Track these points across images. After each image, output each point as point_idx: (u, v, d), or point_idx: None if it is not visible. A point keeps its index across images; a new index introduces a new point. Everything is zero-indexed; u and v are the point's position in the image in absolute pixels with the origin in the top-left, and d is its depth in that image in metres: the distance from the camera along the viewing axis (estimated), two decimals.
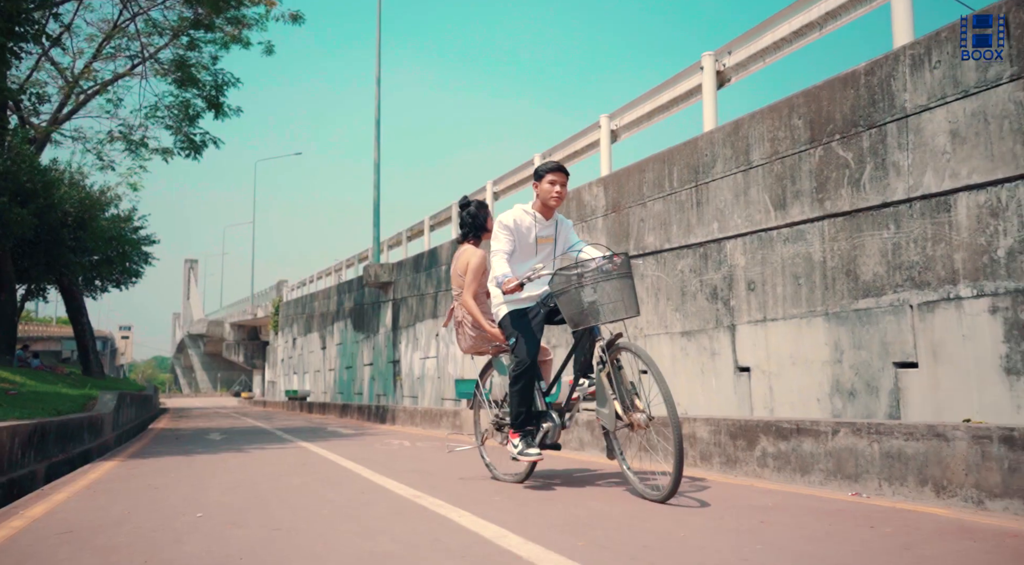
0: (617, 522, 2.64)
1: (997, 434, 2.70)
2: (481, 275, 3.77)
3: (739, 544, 2.22)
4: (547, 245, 3.67)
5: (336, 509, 3.08)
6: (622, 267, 3.18)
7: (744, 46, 6.05)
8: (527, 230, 3.61)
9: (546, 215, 3.66)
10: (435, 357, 12.92)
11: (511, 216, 3.63)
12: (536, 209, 3.64)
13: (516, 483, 3.68)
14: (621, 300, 3.13)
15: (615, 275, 3.14)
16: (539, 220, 3.64)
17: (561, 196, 3.59)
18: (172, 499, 3.48)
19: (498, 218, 3.66)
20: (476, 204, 4.00)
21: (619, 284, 3.14)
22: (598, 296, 3.13)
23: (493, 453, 4.02)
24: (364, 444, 7.09)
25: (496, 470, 3.93)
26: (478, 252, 3.85)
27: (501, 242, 3.58)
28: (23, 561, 2.23)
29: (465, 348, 3.91)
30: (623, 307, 3.13)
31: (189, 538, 2.50)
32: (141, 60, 17.50)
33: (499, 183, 11.44)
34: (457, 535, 2.45)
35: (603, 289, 3.13)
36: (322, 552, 2.24)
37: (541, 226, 3.64)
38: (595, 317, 3.15)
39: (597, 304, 3.13)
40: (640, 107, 7.53)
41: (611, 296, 3.12)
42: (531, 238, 3.61)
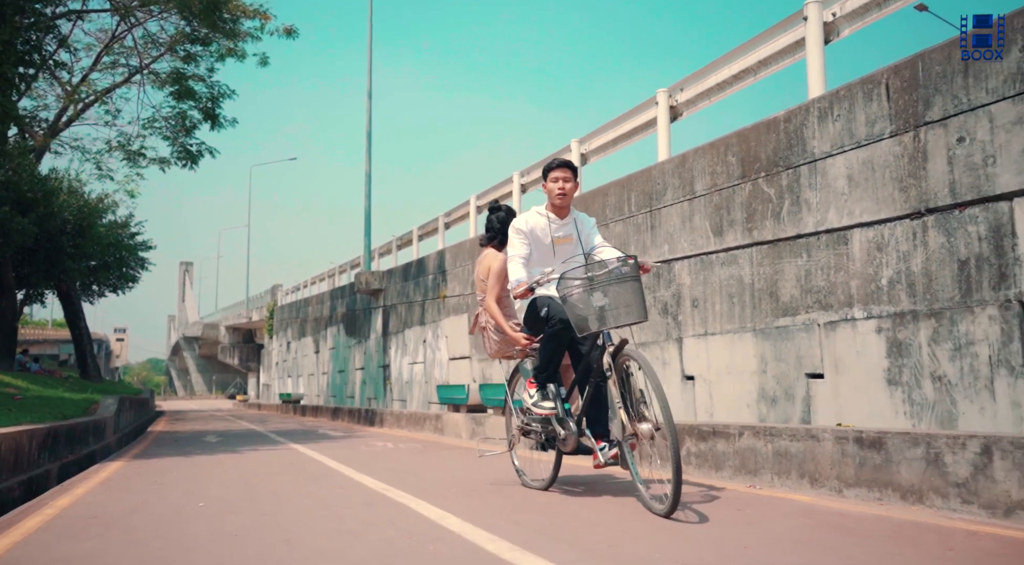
0: (542, 506, 3.24)
1: (852, 435, 3.33)
2: (504, 279, 3.67)
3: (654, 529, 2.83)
4: (566, 245, 3.53)
5: (316, 500, 3.68)
6: (632, 270, 3.06)
7: (693, 85, 6.68)
8: (542, 232, 3.50)
9: (560, 214, 3.54)
10: (422, 362, 13.52)
11: (524, 219, 3.54)
12: (549, 210, 3.53)
13: (540, 490, 3.66)
14: (629, 305, 3.01)
15: (624, 278, 3.03)
16: (554, 220, 3.52)
17: (564, 192, 3.48)
18: (176, 493, 4.08)
19: (512, 223, 3.57)
20: (506, 209, 3.92)
21: (628, 287, 3.03)
22: (607, 299, 3.01)
23: (522, 459, 4.03)
24: (351, 446, 7.68)
25: (525, 476, 3.89)
26: (500, 256, 3.76)
27: (516, 247, 3.48)
28: (63, 537, 2.83)
29: (491, 353, 3.83)
30: (630, 312, 3.01)
31: (194, 521, 3.10)
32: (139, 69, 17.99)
33: (482, 197, 12.05)
34: (409, 518, 3.06)
35: (612, 293, 3.01)
36: (299, 529, 2.85)
37: (557, 226, 3.52)
38: (602, 322, 3.03)
39: (605, 309, 3.01)
40: (606, 134, 8.16)
41: (618, 300, 3.01)
42: (547, 240, 3.50)
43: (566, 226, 3.54)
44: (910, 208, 4.06)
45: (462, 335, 11.24)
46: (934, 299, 3.92)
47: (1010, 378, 3.52)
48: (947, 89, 3.87)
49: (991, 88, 3.63)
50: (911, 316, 4.04)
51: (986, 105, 3.65)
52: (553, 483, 3.69)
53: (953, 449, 2.88)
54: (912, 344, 4.02)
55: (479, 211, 12.26)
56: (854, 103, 4.42)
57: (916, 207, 4.03)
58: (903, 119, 4.10)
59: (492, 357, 3.87)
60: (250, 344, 46.57)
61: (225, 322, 48.00)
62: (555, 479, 3.69)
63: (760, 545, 2.39)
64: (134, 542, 2.69)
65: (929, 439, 2.98)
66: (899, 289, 4.12)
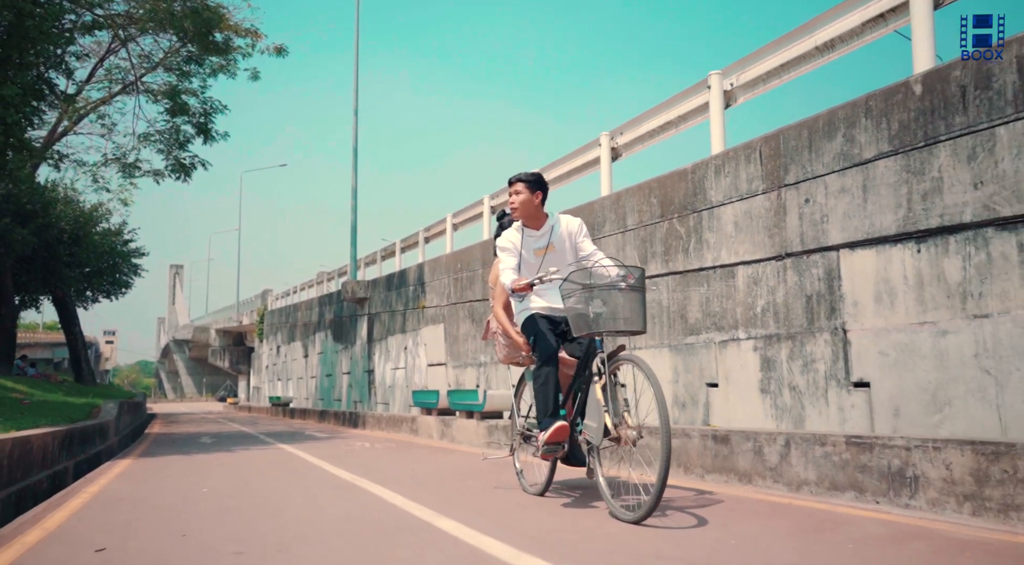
0: (472, 490, 4.21)
1: (710, 433, 4.31)
2: None
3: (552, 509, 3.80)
4: (551, 254, 3.66)
5: (297, 487, 4.63)
6: (637, 281, 3.15)
7: (631, 130, 7.68)
8: (522, 246, 3.65)
9: (533, 226, 3.67)
10: (404, 368, 14.45)
11: (505, 236, 3.71)
12: (524, 224, 3.70)
13: (536, 495, 3.79)
14: (628, 314, 3.09)
15: (626, 288, 3.12)
16: (529, 234, 3.67)
17: (513, 205, 3.63)
18: (183, 483, 5.02)
19: (496, 242, 3.74)
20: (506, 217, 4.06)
21: (629, 297, 3.10)
22: (606, 307, 3.08)
23: (524, 464, 4.20)
24: (333, 446, 8.61)
25: (523, 480, 4.03)
26: None
27: (505, 261, 3.64)
28: (103, 512, 3.76)
29: (502, 358, 3.95)
30: (630, 321, 3.09)
31: (201, 502, 4.04)
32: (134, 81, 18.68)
33: (457, 216, 13.02)
34: (366, 498, 4.02)
35: (612, 300, 3.08)
36: (282, 506, 3.80)
37: (533, 239, 3.66)
38: (597, 326, 3.11)
39: (602, 315, 3.08)
40: (561, 167, 9.15)
41: (618, 308, 3.08)
42: (528, 253, 3.66)
43: (543, 237, 3.65)
44: (775, 251, 5.06)
45: (439, 343, 12.18)
46: (791, 325, 4.92)
47: (837, 388, 4.52)
48: (799, 160, 4.87)
49: (825, 163, 4.63)
50: (776, 338, 5.04)
51: (822, 176, 4.65)
52: (547, 488, 3.80)
53: (769, 443, 3.87)
54: (776, 360, 5.02)
55: (455, 228, 13.22)
56: (739, 163, 5.42)
57: (779, 251, 5.03)
58: (771, 180, 5.10)
59: (503, 362, 3.97)
60: (240, 347, 47.13)
61: (216, 325, 48.64)
62: (549, 484, 3.79)
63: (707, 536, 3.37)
64: (158, 514, 3.63)
65: (755, 435, 3.98)
66: (768, 316, 5.12)
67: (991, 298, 3.60)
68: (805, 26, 5.32)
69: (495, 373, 9.86)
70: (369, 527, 3.13)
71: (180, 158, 19.40)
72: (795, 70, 5.49)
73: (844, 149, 4.50)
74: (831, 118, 4.60)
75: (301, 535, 2.94)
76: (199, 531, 3.10)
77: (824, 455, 3.62)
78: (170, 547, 2.78)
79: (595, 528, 2.96)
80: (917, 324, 4.00)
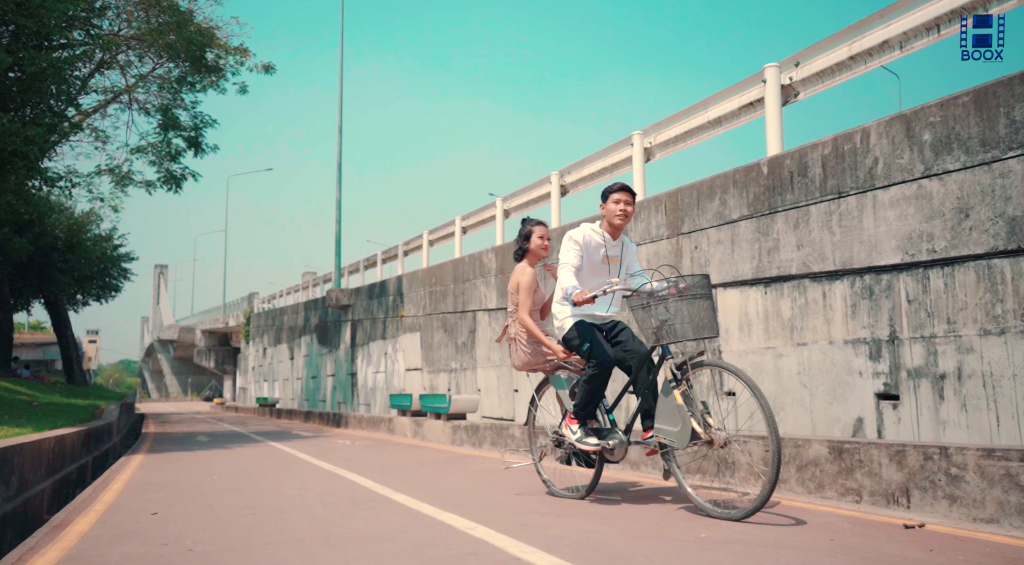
0: (425, 476, 5.40)
1: None
2: (534, 293, 3.86)
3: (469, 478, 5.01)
4: (614, 265, 3.71)
5: (288, 474, 5.81)
6: (702, 288, 3.20)
7: (577, 170, 8.92)
8: (596, 248, 3.65)
9: (613, 235, 3.70)
10: (384, 372, 15.62)
11: (580, 233, 3.68)
12: (604, 229, 3.68)
13: (577, 499, 3.77)
14: (699, 320, 3.15)
15: (694, 296, 3.18)
16: (607, 240, 3.68)
17: (626, 214, 3.62)
18: (195, 472, 6.18)
19: (568, 233, 3.70)
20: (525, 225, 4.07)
21: (699, 305, 3.16)
22: (671, 315, 3.15)
23: (550, 470, 4.25)
24: (317, 443, 9.78)
25: (553, 486, 4.03)
26: (527, 271, 3.90)
27: (570, 255, 3.58)
28: (141, 492, 4.92)
29: (519, 365, 3.93)
30: (704, 327, 3.15)
31: (213, 485, 5.22)
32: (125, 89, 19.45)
33: (434, 232, 14.21)
34: (344, 482, 5.21)
35: (679, 309, 3.15)
36: (278, 486, 4.99)
37: (609, 246, 3.68)
38: (671, 336, 3.18)
39: (672, 323, 3.15)
40: (520, 197, 10.38)
41: (689, 316, 3.13)
42: (599, 257, 3.66)
43: (616, 247, 3.71)
44: None
45: (416, 350, 13.37)
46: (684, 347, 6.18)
47: (715, 397, 5.78)
48: (691, 214, 6.13)
49: (707, 219, 5.89)
50: None
51: (706, 228, 5.91)
52: (592, 492, 3.81)
53: None
54: None
55: (431, 244, 14.41)
56: (650, 212, 6.67)
57: None
58: (672, 228, 6.36)
59: (519, 369, 3.99)
60: (226, 347, 47.77)
61: (201, 326, 49.33)
62: (594, 488, 3.81)
63: None
64: (184, 493, 4.81)
65: None
66: None
67: (807, 331, 4.87)
68: (702, 103, 6.59)
69: (464, 378, 11.07)
70: (344, 499, 4.34)
71: (171, 170, 20.42)
72: (695, 138, 6.75)
73: (719, 210, 5.76)
74: (712, 184, 5.86)
75: (294, 504, 4.14)
76: (220, 502, 4.28)
77: None
78: (202, 511, 3.96)
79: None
80: (764, 348, 5.27)
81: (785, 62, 5.70)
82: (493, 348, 10.03)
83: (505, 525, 3.16)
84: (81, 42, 11.82)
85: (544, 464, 4.14)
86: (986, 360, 3.84)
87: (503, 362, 9.73)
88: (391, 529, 3.24)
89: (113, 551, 2.92)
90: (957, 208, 3.99)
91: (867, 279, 4.51)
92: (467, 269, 10.89)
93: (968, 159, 3.94)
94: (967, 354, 3.94)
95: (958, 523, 2.95)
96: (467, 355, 10.83)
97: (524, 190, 10.26)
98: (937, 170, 4.10)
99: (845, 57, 5.13)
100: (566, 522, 3.27)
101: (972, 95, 3.92)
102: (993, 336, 3.81)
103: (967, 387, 3.94)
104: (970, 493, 2.93)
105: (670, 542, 2.79)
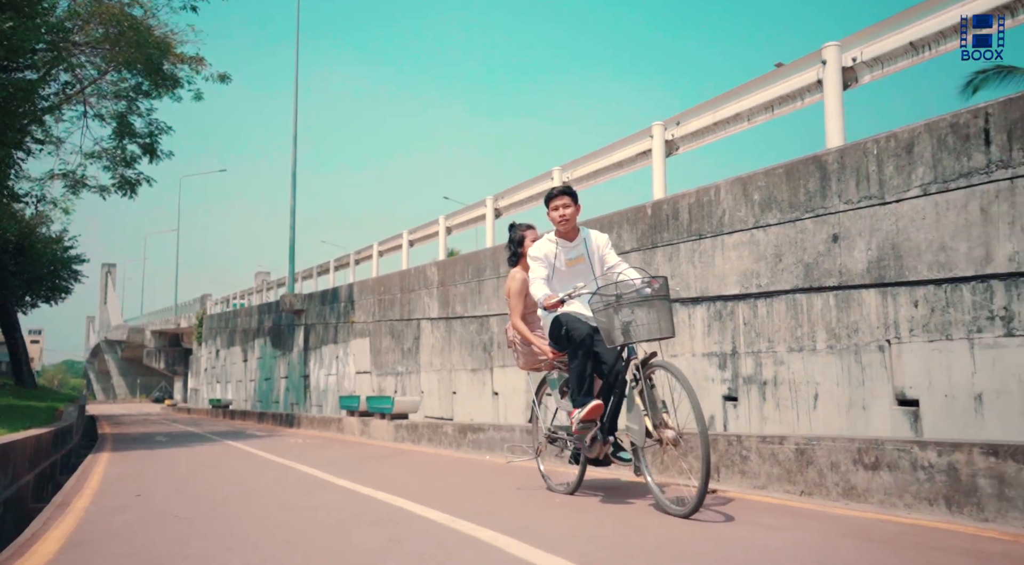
0: (358, 460, 6.39)
1: (518, 428, 6.63)
2: (524, 297, 3.96)
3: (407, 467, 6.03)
4: (580, 265, 3.76)
5: (247, 467, 6.73)
6: (660, 289, 3.29)
7: (509, 196, 10.00)
8: (555, 257, 3.74)
9: (569, 237, 3.76)
10: (336, 375, 16.45)
11: (538, 247, 3.80)
12: (557, 235, 3.78)
13: (567, 494, 3.90)
14: (657, 321, 3.23)
15: (652, 297, 3.25)
16: (563, 245, 3.76)
17: (566, 218, 3.69)
18: (162, 466, 7.04)
19: (528, 251, 3.83)
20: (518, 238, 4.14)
21: (656, 306, 3.24)
22: (634, 317, 3.22)
23: (547, 466, 4.43)
24: (271, 442, 10.62)
25: (550, 481, 4.18)
26: (517, 277, 4.02)
27: (535, 270, 3.72)
28: (122, 482, 5.78)
29: (521, 365, 4.12)
30: (658, 328, 3.24)
31: (182, 476, 6.10)
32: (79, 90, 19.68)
33: (383, 244, 15.14)
34: (295, 472, 6.16)
35: (640, 310, 3.22)
36: (238, 477, 5.91)
37: (567, 250, 3.76)
38: (629, 336, 3.26)
39: (633, 324, 3.22)
40: (462, 215, 11.42)
41: (647, 317, 3.21)
42: (561, 263, 3.74)
43: (576, 247, 3.77)
44: None
45: (365, 354, 14.27)
46: None
47: None
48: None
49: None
50: None
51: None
52: (578, 488, 3.94)
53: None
54: None
55: (380, 255, 15.33)
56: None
57: None
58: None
59: (523, 369, 4.16)
60: (177, 348, 47.39)
61: (152, 326, 48.85)
62: (580, 484, 3.93)
63: None
64: (158, 482, 5.69)
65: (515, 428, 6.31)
66: None
67: (678, 345, 6.04)
68: (608, 147, 7.73)
69: (409, 381, 12.04)
70: (296, 484, 5.31)
71: (126, 175, 20.75)
72: (603, 176, 7.89)
73: (616, 242, 6.91)
74: (611, 219, 7.00)
75: (255, 488, 5.09)
76: (191, 488, 5.20)
77: None
78: (178, 494, 4.88)
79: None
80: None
81: (669, 121, 6.88)
82: (435, 353, 11.03)
83: (423, 498, 4.20)
84: (45, 61, 12.35)
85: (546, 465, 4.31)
86: (791, 370, 5.04)
87: (443, 367, 10.75)
88: (332, 502, 4.25)
89: (116, 518, 3.86)
90: (774, 254, 5.19)
91: (718, 305, 5.69)
92: (413, 280, 11.87)
93: (781, 216, 5.14)
94: (780, 366, 5.13)
95: (743, 490, 4.10)
96: (412, 360, 11.81)
97: (465, 209, 11.31)
98: (763, 223, 5.30)
99: (710, 122, 6.33)
100: (479, 499, 4.32)
101: (784, 168, 5.12)
102: (795, 352, 5.01)
103: (780, 391, 5.13)
104: (752, 468, 4.09)
105: (579, 511, 3.62)
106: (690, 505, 3.05)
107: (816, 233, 4.88)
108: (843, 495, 3.54)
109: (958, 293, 4.02)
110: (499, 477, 5.21)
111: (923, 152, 4.21)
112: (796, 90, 5.56)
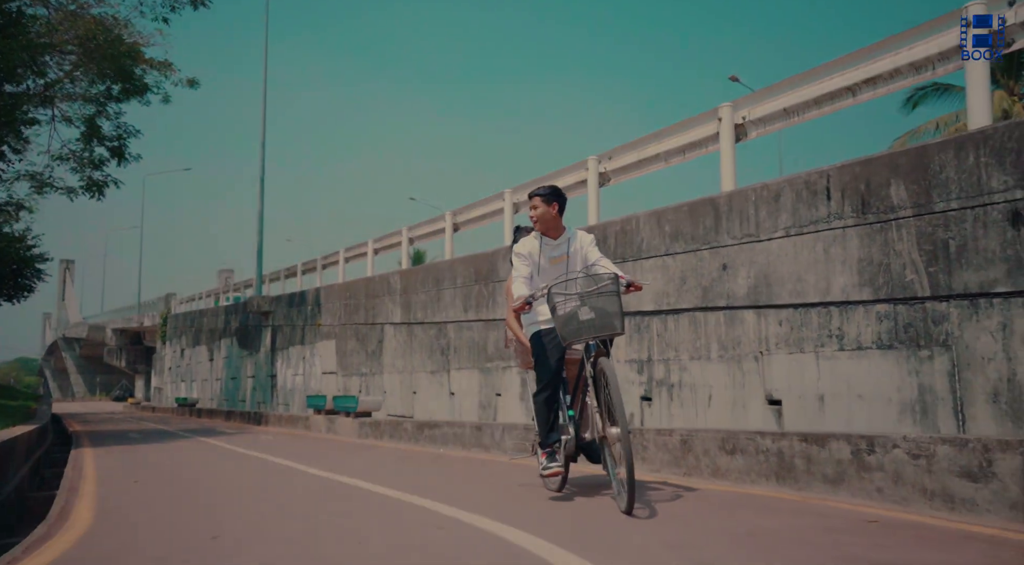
0: (323, 450, 7.25)
1: (469, 424, 7.56)
2: None
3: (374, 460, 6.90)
4: (560, 264, 3.81)
5: (224, 460, 7.51)
6: (612, 285, 3.34)
7: (465, 212, 10.90)
8: (538, 254, 3.81)
9: (552, 236, 3.82)
10: (302, 375, 17.15)
11: (523, 244, 3.86)
12: (542, 233, 3.84)
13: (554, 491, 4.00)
14: (607, 317, 3.28)
15: (603, 292, 3.29)
16: (547, 243, 3.82)
17: (535, 218, 3.79)
18: (144, 460, 7.78)
19: (514, 247, 3.90)
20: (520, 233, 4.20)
21: (604, 301, 3.28)
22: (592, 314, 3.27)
23: None
24: (242, 438, 11.35)
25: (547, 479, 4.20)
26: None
27: (518, 268, 3.78)
28: (116, 474, 6.54)
29: (521, 364, 4.23)
30: (607, 325, 3.29)
31: (167, 468, 6.88)
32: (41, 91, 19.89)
33: (350, 250, 15.89)
34: (267, 463, 6.98)
35: (596, 307, 3.27)
36: (215, 469, 6.72)
37: (550, 247, 3.82)
38: (579, 334, 3.34)
39: (586, 322, 3.29)
40: (424, 227, 12.29)
41: (599, 314, 3.27)
42: (545, 261, 3.80)
43: (559, 246, 3.82)
44: None
45: (331, 355, 15.03)
46: None
47: None
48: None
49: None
50: None
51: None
52: (565, 484, 4.02)
53: (492, 429, 7.15)
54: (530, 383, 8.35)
55: (346, 261, 16.10)
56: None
57: None
58: None
59: (523, 368, 4.29)
60: (138, 346, 46.98)
61: (113, 324, 48.39)
62: (566, 480, 4.00)
63: None
64: (147, 472, 6.46)
65: (465, 425, 7.25)
66: None
67: None
68: (560, 171, 8.69)
69: (373, 382, 12.87)
70: (269, 472, 6.15)
71: (94, 177, 21.04)
72: None
73: None
74: None
75: (234, 475, 5.92)
76: (178, 476, 6.01)
77: None
78: (171, 481, 5.69)
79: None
80: None
81: (603, 155, 7.88)
82: (397, 356, 11.88)
83: (381, 480, 5.09)
84: (24, 75, 12.82)
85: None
86: (692, 375, 6.06)
87: (405, 368, 11.61)
88: (306, 484, 5.12)
89: (126, 497, 4.67)
90: (680, 277, 6.21)
91: (637, 319, 6.68)
92: (377, 287, 12.70)
93: (686, 246, 6.15)
94: (683, 371, 6.14)
95: (642, 474, 5.09)
96: (376, 361, 12.64)
97: (428, 222, 12.19)
98: (672, 251, 6.30)
99: (635, 160, 7.33)
100: (426, 480, 5.22)
101: (688, 206, 6.13)
102: (696, 360, 6.04)
103: (683, 392, 6.15)
104: (650, 456, 5.08)
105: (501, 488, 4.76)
106: (624, 502, 3.21)
107: (711, 262, 5.90)
108: (712, 475, 4.53)
109: (808, 315, 5.06)
110: (448, 466, 6.13)
111: (786, 201, 5.24)
112: (701, 139, 6.57)
